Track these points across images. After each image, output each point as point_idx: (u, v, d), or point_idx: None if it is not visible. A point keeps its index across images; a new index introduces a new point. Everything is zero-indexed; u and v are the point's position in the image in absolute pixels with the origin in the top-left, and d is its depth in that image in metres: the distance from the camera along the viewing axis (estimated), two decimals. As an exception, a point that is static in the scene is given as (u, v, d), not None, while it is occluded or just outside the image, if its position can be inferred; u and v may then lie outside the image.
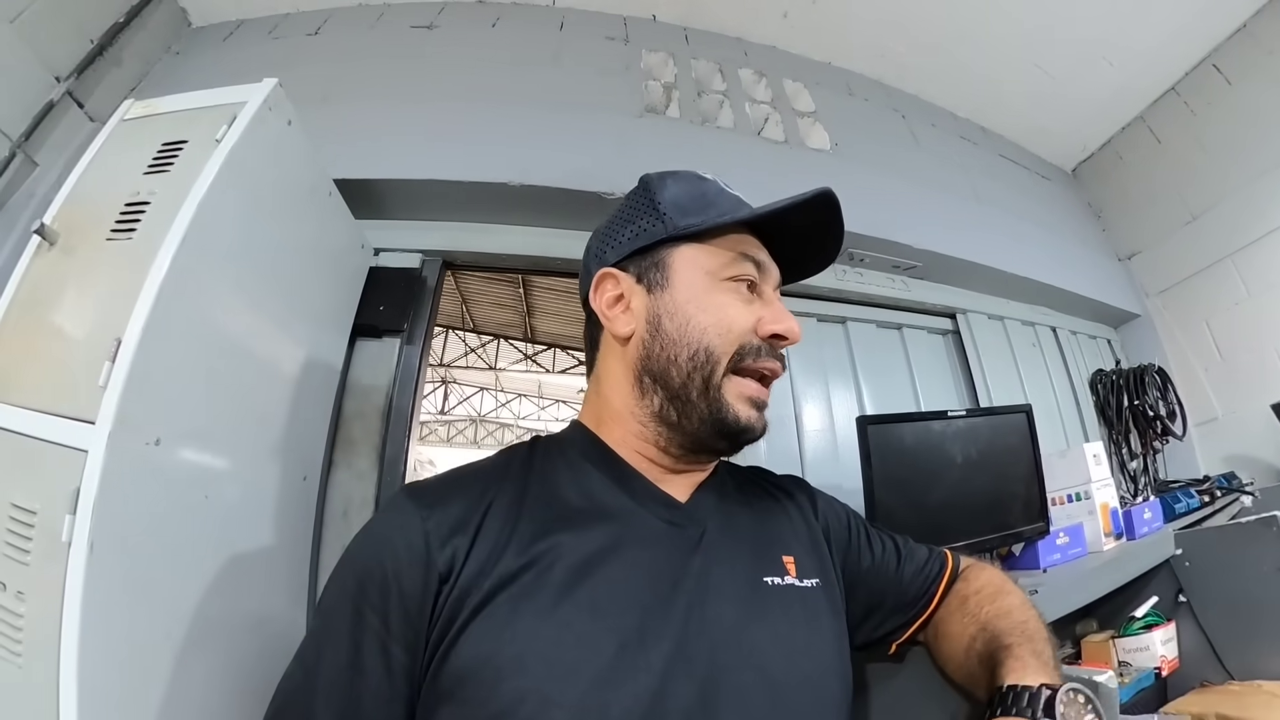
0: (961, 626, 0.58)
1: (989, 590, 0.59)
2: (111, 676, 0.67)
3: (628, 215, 0.59)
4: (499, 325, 9.21)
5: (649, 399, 0.54)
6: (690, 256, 0.55)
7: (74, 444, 0.69)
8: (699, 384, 0.52)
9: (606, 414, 0.57)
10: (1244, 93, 2.12)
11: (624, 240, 0.58)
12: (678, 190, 0.58)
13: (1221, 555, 1.17)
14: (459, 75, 1.71)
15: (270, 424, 0.99)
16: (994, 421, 1.43)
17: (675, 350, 0.53)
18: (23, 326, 0.81)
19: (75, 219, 0.87)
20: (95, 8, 1.56)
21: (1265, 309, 2.04)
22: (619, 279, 0.57)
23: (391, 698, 0.43)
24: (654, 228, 0.56)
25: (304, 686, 0.44)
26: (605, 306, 0.57)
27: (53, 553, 0.65)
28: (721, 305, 0.54)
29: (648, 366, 0.54)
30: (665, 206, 0.56)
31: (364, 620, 0.44)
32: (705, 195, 0.57)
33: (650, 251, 0.56)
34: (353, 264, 1.34)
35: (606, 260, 0.58)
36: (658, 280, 0.55)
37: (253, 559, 0.93)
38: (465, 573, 0.44)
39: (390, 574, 0.44)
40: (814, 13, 2.08)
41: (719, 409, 0.52)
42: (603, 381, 0.59)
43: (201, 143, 0.87)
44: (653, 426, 0.55)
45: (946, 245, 1.89)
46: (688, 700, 0.43)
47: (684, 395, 0.53)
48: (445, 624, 0.43)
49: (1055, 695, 0.43)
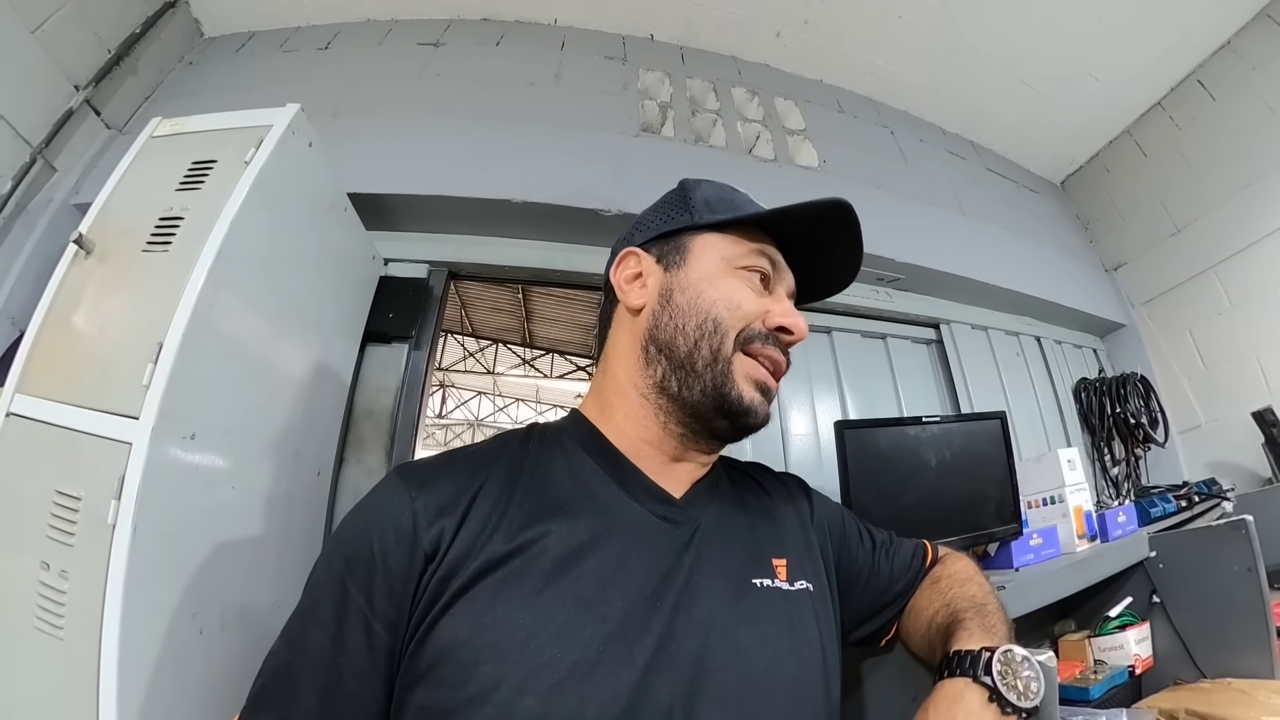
0: (927, 602, 0.61)
1: (960, 576, 0.62)
2: (146, 652, 0.73)
3: (660, 208, 0.63)
4: (497, 330, 9.27)
5: (652, 368, 0.55)
6: (709, 242, 0.58)
7: (118, 436, 0.76)
8: (706, 354, 0.53)
9: (611, 391, 0.58)
10: (1228, 108, 2.19)
11: (653, 225, 0.61)
12: (710, 192, 0.61)
13: (1194, 558, 1.20)
14: (465, 93, 1.79)
15: (290, 422, 1.06)
16: (969, 427, 1.47)
17: (684, 319, 0.54)
18: (64, 329, 0.88)
19: (110, 230, 0.94)
20: (113, 18, 1.63)
21: (1246, 319, 2.10)
22: (640, 258, 0.60)
23: (373, 676, 0.43)
24: (681, 218, 0.59)
25: (289, 663, 0.44)
26: (623, 281, 0.59)
27: (98, 535, 0.72)
28: (733, 287, 0.55)
29: (654, 335, 0.55)
30: (695, 203, 0.60)
31: (349, 597, 0.44)
32: (734, 200, 0.61)
33: (674, 236, 0.59)
34: (364, 274, 1.41)
35: (632, 241, 0.61)
36: (676, 260, 0.57)
37: (270, 547, 1.00)
38: (451, 554, 0.44)
39: (377, 552, 0.44)
40: (806, 32, 2.17)
41: (723, 383, 0.53)
42: (610, 357, 0.60)
43: (231, 163, 0.95)
44: (653, 398, 0.55)
45: (931, 258, 1.96)
46: (670, 698, 0.43)
47: (689, 364, 0.53)
48: (428, 604, 0.43)
49: (993, 655, 0.47)
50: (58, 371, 0.84)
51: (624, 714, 0.41)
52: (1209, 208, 2.22)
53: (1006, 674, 0.46)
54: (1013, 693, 0.45)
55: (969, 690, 0.46)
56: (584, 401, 0.61)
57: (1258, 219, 2.06)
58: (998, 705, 0.45)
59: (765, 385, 0.55)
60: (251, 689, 0.46)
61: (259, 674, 0.46)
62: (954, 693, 0.47)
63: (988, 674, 0.46)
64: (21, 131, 1.39)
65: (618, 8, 2.07)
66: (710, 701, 0.44)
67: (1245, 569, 1.13)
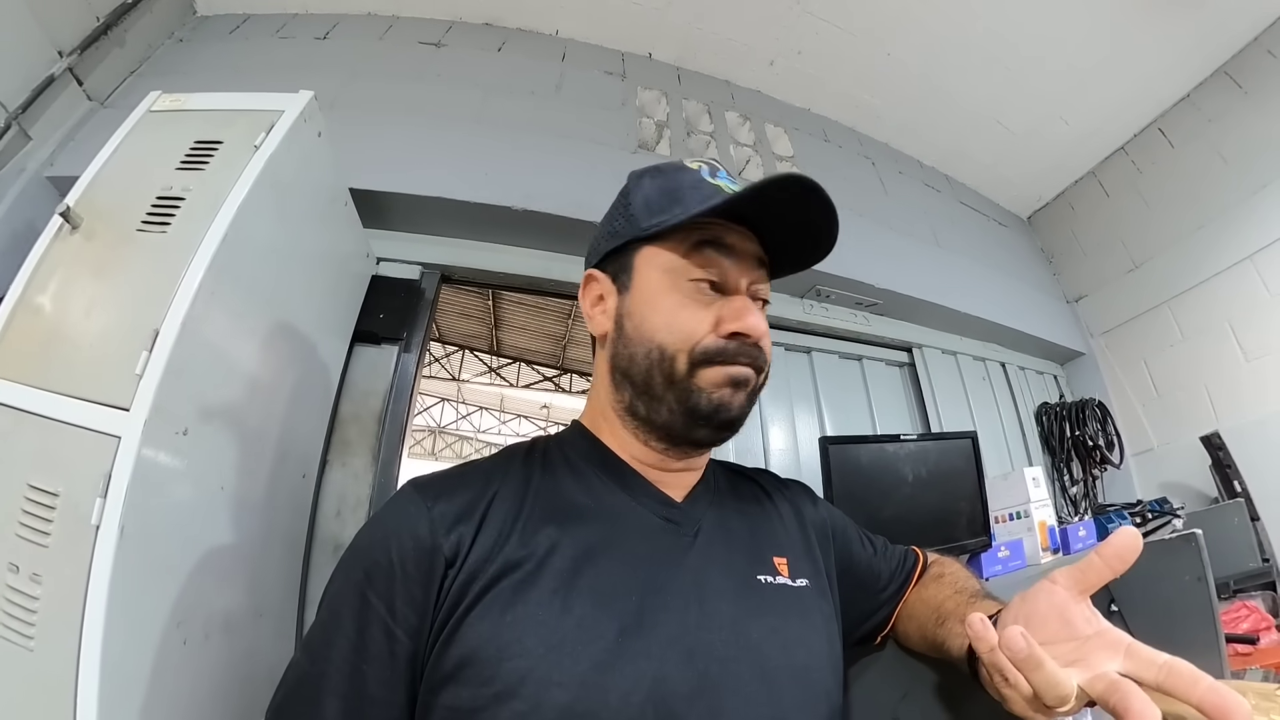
0: (934, 592, 0.63)
1: (962, 574, 0.67)
2: (129, 665, 0.68)
3: (609, 216, 0.61)
4: (464, 336, 9.08)
5: (621, 393, 0.56)
6: (648, 257, 0.55)
7: (105, 429, 0.70)
8: (660, 380, 0.52)
9: (598, 410, 0.59)
10: (1185, 155, 2.37)
11: (601, 243, 0.60)
12: (650, 188, 0.57)
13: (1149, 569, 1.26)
14: (466, 96, 1.77)
15: (279, 421, 1.01)
16: (943, 445, 1.55)
17: (634, 348, 0.54)
18: (42, 309, 0.81)
19: (99, 205, 0.87)
20: (104, -16, 1.53)
21: (1197, 351, 2.26)
22: (599, 280, 0.59)
23: (395, 682, 0.44)
24: (624, 229, 0.57)
25: (311, 674, 0.45)
26: (589, 306, 0.59)
27: (78, 536, 0.67)
28: (673, 306, 0.53)
29: (617, 364, 0.56)
30: (635, 207, 0.57)
31: (370, 606, 0.44)
32: (677, 190, 0.55)
33: (620, 253, 0.57)
34: (358, 272, 1.37)
35: (590, 262, 0.61)
36: (624, 282, 0.56)
37: (254, 552, 0.94)
38: (471, 558, 0.45)
39: (396, 560, 0.45)
40: (798, 62, 2.25)
41: (687, 398, 0.52)
42: (595, 380, 0.61)
43: (239, 146, 0.91)
44: (629, 420, 0.56)
45: (906, 285, 2.05)
46: (687, 686, 0.44)
47: (648, 390, 0.53)
48: (450, 608, 0.44)
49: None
50: (33, 355, 0.77)
51: (645, 701, 0.42)
52: (1164, 246, 2.40)
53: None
54: None
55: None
56: (583, 414, 0.63)
57: (1209, 258, 2.24)
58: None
59: (737, 378, 0.52)
60: (273, 700, 0.46)
61: (280, 685, 0.46)
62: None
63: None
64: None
65: (618, 24, 2.10)
66: (726, 691, 0.45)
67: (1196, 579, 1.22)
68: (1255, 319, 2.09)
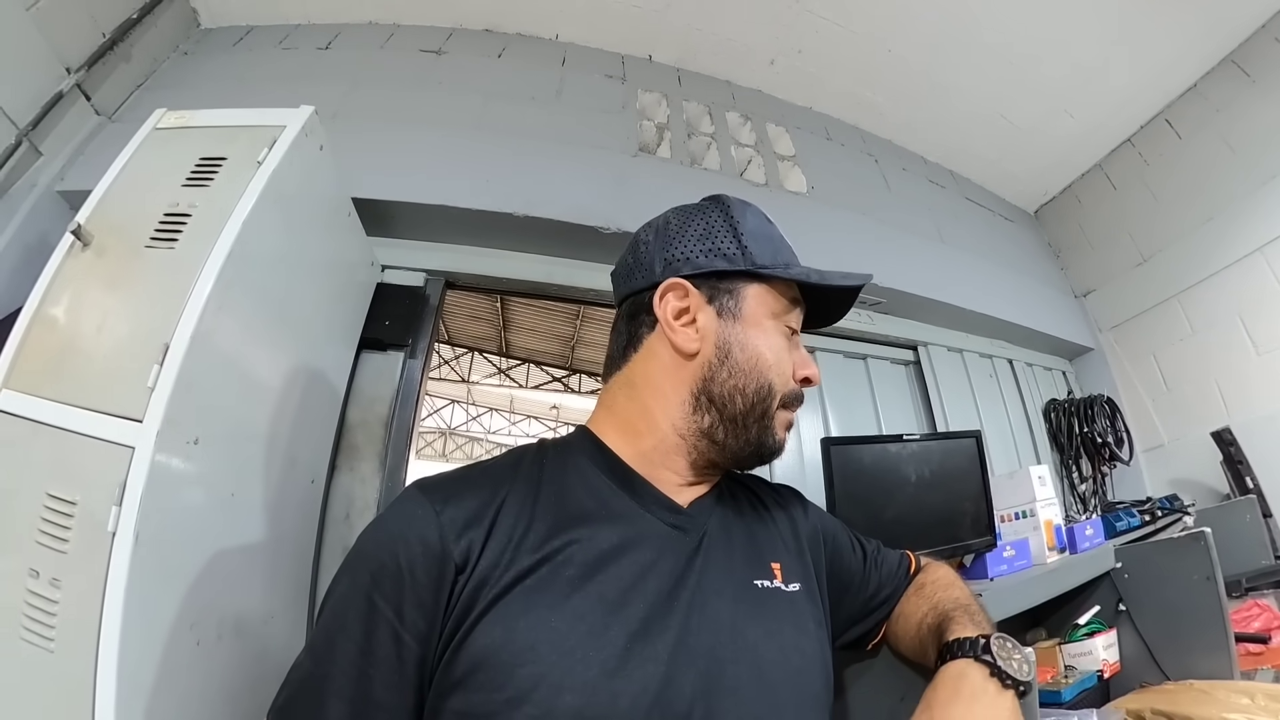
0: (915, 607, 0.65)
1: (943, 582, 0.68)
2: (145, 666, 0.70)
3: (705, 230, 0.60)
4: (474, 338, 9.15)
5: (700, 416, 0.56)
6: (761, 296, 0.59)
7: (120, 440, 0.73)
8: (758, 414, 0.57)
9: (641, 421, 0.58)
10: (1193, 146, 2.34)
11: (700, 256, 0.58)
12: (755, 225, 0.61)
13: (1157, 568, 1.28)
14: (467, 103, 1.80)
15: (288, 428, 1.03)
16: (946, 445, 1.53)
17: (744, 381, 0.56)
18: (57, 324, 0.84)
19: (109, 223, 0.90)
20: (110, 1, 1.58)
21: (1207, 345, 2.23)
22: (689, 293, 0.58)
23: (402, 687, 0.44)
24: (734, 255, 0.58)
25: (315, 675, 0.45)
26: (670, 315, 0.57)
27: (95, 542, 0.69)
28: (780, 348, 0.59)
29: (709, 389, 0.56)
30: (747, 238, 0.59)
31: (376, 610, 0.44)
32: (774, 239, 0.62)
33: (728, 278, 0.58)
34: (363, 280, 1.39)
35: (679, 270, 0.58)
36: (731, 308, 0.57)
37: (264, 556, 0.97)
38: (481, 565, 0.46)
39: (404, 566, 0.45)
40: (799, 60, 2.25)
41: (765, 436, 0.58)
42: (640, 387, 0.59)
43: (242, 162, 0.93)
44: (693, 441, 0.57)
45: (910, 284, 2.04)
46: (691, 689, 0.46)
47: (741, 421, 0.56)
48: (461, 614, 0.44)
49: (989, 639, 0.52)
50: (49, 368, 0.80)
51: (653, 705, 0.44)
52: (1173, 239, 2.37)
53: (1003, 653, 0.51)
54: (1010, 666, 0.49)
55: (971, 667, 0.50)
56: (596, 419, 0.62)
57: (1218, 251, 2.20)
58: (998, 680, 0.49)
59: (792, 424, 0.61)
60: (275, 701, 0.46)
61: (283, 686, 0.47)
62: (958, 670, 0.51)
63: (987, 653, 0.51)
64: (8, 111, 1.32)
65: (618, 27, 2.11)
66: (727, 693, 0.47)
67: (1204, 578, 1.21)
68: (1266, 312, 2.06)
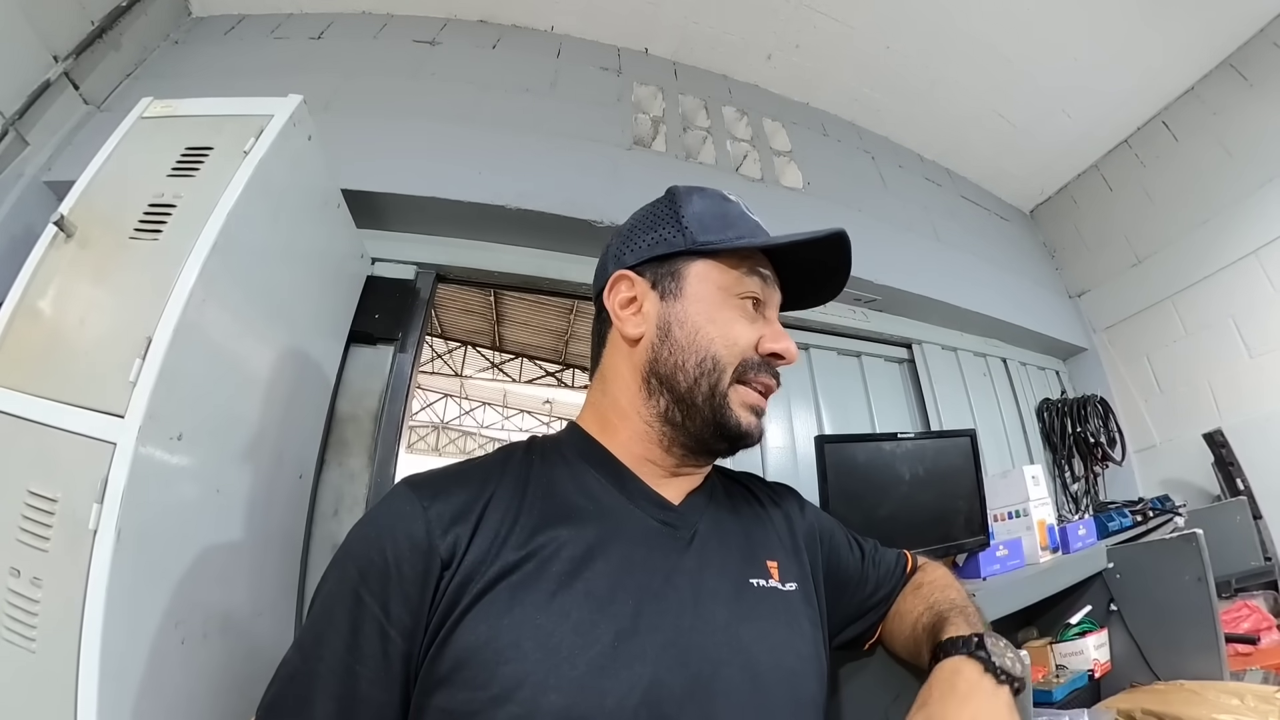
0: (911, 607, 0.64)
1: (940, 583, 0.67)
2: (128, 665, 0.69)
3: (650, 222, 0.61)
4: (466, 332, 9.09)
5: (655, 400, 0.57)
6: (704, 271, 0.57)
7: (101, 435, 0.72)
8: (705, 390, 0.55)
9: (613, 414, 0.59)
10: (1189, 148, 2.35)
11: (643, 246, 0.59)
12: (702, 206, 0.60)
13: (1148, 568, 1.29)
14: (461, 95, 1.77)
15: (275, 423, 1.02)
16: (940, 444, 1.53)
17: (683, 356, 0.55)
18: (39, 317, 0.82)
19: (93, 213, 0.89)
20: (99, -12, 1.53)
21: (1200, 347, 2.25)
22: (634, 282, 0.59)
23: (389, 683, 0.44)
24: (674, 239, 0.58)
25: (302, 672, 0.45)
26: (618, 306, 0.59)
27: (77, 540, 0.68)
28: (729, 320, 0.56)
29: (655, 369, 0.56)
30: (688, 220, 0.58)
31: (363, 605, 0.44)
32: (727, 215, 0.60)
33: (667, 260, 0.58)
34: (352, 273, 1.38)
35: (624, 262, 0.60)
36: (671, 289, 0.57)
37: (251, 553, 0.96)
38: (467, 560, 0.45)
39: (391, 561, 0.45)
40: (796, 56, 2.23)
41: (722, 414, 0.55)
42: (609, 380, 0.60)
43: (228, 152, 0.91)
44: (657, 426, 0.57)
45: (905, 281, 2.04)
46: (680, 690, 0.45)
47: (689, 399, 0.55)
48: (446, 610, 0.44)
49: (983, 637, 0.51)
50: (31, 362, 0.79)
51: (640, 705, 0.43)
52: (1168, 241, 2.38)
53: (996, 650, 0.50)
54: (1005, 663, 0.49)
55: (966, 664, 0.50)
56: (582, 415, 0.63)
57: (1213, 253, 2.22)
58: (993, 676, 0.49)
59: (758, 409, 0.58)
60: (263, 698, 0.46)
61: (271, 683, 0.46)
62: (952, 667, 0.50)
63: (981, 650, 0.50)
64: (-5, 100, 1.29)
65: (614, 19, 2.09)
66: (718, 694, 0.46)
67: (1196, 579, 1.21)
68: (1259, 315, 2.07)
